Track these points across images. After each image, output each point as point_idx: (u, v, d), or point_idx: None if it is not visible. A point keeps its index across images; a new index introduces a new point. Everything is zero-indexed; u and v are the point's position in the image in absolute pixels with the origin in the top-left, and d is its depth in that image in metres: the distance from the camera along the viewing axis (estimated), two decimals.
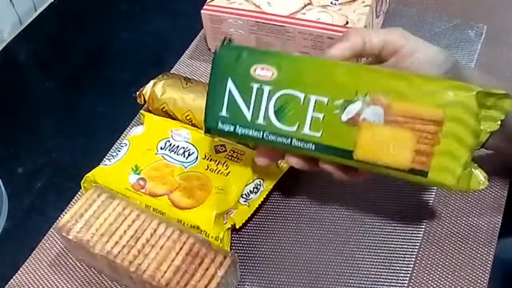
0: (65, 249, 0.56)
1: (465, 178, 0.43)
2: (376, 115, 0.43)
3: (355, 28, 0.62)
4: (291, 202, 0.58)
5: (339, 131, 0.44)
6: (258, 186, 0.56)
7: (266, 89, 0.45)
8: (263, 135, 0.46)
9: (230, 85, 0.47)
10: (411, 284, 0.51)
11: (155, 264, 0.48)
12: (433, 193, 0.57)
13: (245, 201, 0.55)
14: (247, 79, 0.46)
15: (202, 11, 0.69)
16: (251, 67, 0.46)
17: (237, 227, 0.54)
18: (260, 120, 0.46)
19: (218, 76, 0.47)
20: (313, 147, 0.45)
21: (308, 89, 0.44)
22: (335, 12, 0.65)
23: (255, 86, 0.46)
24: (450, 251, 0.53)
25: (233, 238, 0.55)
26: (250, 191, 0.55)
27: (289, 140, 0.46)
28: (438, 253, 0.53)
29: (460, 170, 0.42)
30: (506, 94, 0.42)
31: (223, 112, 0.47)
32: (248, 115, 0.46)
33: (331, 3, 0.66)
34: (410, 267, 0.52)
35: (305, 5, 0.67)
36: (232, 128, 0.47)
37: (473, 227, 0.54)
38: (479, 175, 0.45)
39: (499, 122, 0.43)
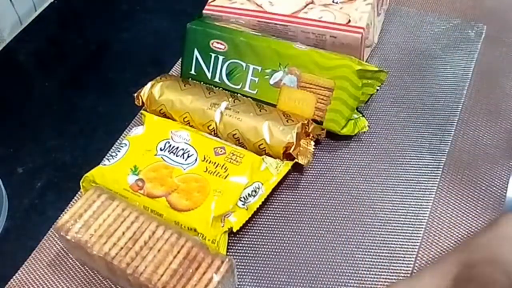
0: (64, 249, 0.56)
1: (350, 126, 0.61)
2: (291, 81, 0.61)
3: None
4: (291, 202, 0.58)
5: (268, 91, 0.62)
6: (257, 190, 0.55)
7: (220, 58, 0.64)
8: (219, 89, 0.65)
9: (196, 53, 0.66)
10: None
11: (152, 267, 0.48)
12: (433, 193, 0.57)
13: (243, 205, 0.55)
14: (207, 50, 0.65)
15: (204, 11, 0.69)
16: (209, 41, 0.65)
17: (234, 230, 0.54)
18: (217, 79, 0.65)
19: (188, 46, 0.66)
20: (251, 100, 0.63)
21: (248, 60, 0.63)
22: (337, 11, 0.65)
23: (213, 55, 0.65)
24: (450, 251, 0.53)
25: (231, 240, 0.55)
26: (249, 194, 0.55)
27: (236, 94, 0.63)
28: (438, 253, 0.53)
29: (343, 122, 0.60)
30: (380, 70, 0.60)
31: (192, 71, 0.66)
32: (208, 75, 0.65)
33: (333, 1, 0.66)
34: (410, 267, 0.52)
35: (307, 4, 0.67)
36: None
37: (473, 227, 0.54)
38: (364, 122, 0.62)
39: (377, 88, 0.61)
